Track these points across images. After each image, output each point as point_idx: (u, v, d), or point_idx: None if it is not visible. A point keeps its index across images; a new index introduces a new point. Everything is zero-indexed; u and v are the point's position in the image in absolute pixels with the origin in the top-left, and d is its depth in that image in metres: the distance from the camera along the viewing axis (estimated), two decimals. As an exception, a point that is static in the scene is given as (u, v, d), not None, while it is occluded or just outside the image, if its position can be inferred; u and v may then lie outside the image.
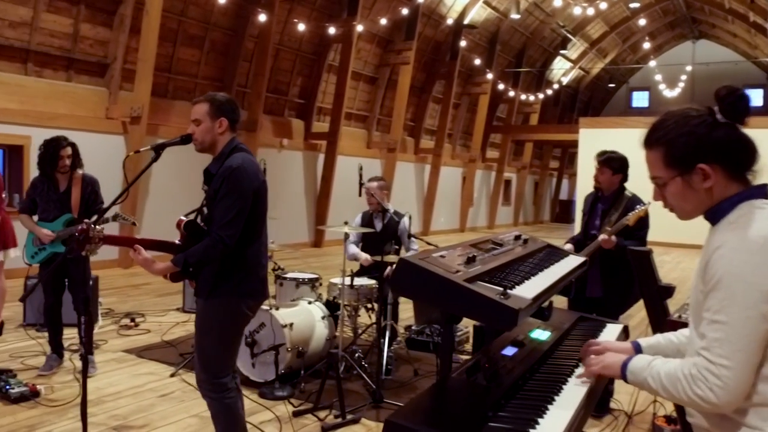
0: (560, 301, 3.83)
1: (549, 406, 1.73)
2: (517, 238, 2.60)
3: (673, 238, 15.97)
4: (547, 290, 1.99)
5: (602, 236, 4.46)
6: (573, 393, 1.85)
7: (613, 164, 4.69)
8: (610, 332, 2.62)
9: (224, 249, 3.00)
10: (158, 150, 3.10)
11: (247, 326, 3.51)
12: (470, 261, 1.93)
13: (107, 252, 2.86)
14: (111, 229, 5.04)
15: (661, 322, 3.85)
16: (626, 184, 4.76)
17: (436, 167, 19.55)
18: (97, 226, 2.97)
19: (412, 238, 5.66)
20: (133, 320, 6.89)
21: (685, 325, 2.81)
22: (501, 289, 1.75)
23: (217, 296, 3.12)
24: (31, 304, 6.58)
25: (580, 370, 2.05)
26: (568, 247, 4.82)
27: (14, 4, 9.37)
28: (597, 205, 4.84)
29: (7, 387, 4.52)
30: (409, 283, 1.76)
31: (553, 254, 2.63)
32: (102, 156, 10.00)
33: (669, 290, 3.97)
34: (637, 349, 2.04)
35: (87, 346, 5.21)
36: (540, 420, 1.64)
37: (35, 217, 5.20)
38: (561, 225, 28.20)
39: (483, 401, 1.69)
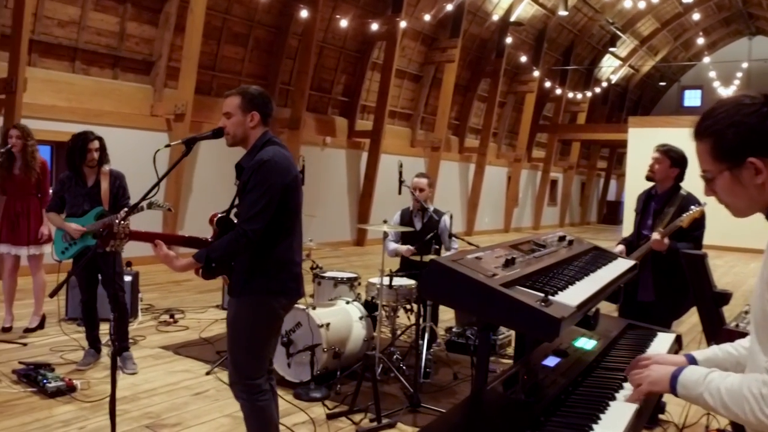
0: (608, 308, 3.63)
1: (594, 426, 1.57)
2: (562, 239, 2.43)
3: (726, 241, 15.43)
4: (593, 297, 1.82)
5: (654, 236, 4.22)
6: (621, 411, 1.68)
7: (672, 155, 4.45)
8: (662, 342, 2.43)
9: (247, 243, 2.90)
10: (189, 144, 3.02)
11: (283, 325, 3.41)
12: (509, 263, 1.78)
13: (149, 247, 2.81)
14: (148, 217, 5.03)
15: (717, 331, 3.62)
16: (681, 184, 4.53)
17: (481, 167, 19.29)
18: (123, 222, 2.90)
19: (453, 238, 5.50)
20: (172, 316, 6.89)
21: (743, 335, 2.60)
22: (542, 295, 1.60)
23: (248, 294, 3.03)
24: (73, 299, 6.63)
25: (629, 385, 1.88)
26: (620, 248, 4.60)
27: (63, 3, 9.50)
28: (650, 204, 4.61)
29: (45, 381, 4.53)
30: (441, 287, 1.62)
31: (601, 257, 2.45)
32: (146, 153, 10.04)
33: (725, 297, 3.74)
34: (692, 363, 1.85)
35: (118, 342, 5.19)
36: (585, 441, 1.48)
37: (63, 214, 5.22)
38: (608, 226, 27.60)
39: (521, 418, 1.54)
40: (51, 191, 6.04)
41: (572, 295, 1.74)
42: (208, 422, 4.21)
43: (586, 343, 2.21)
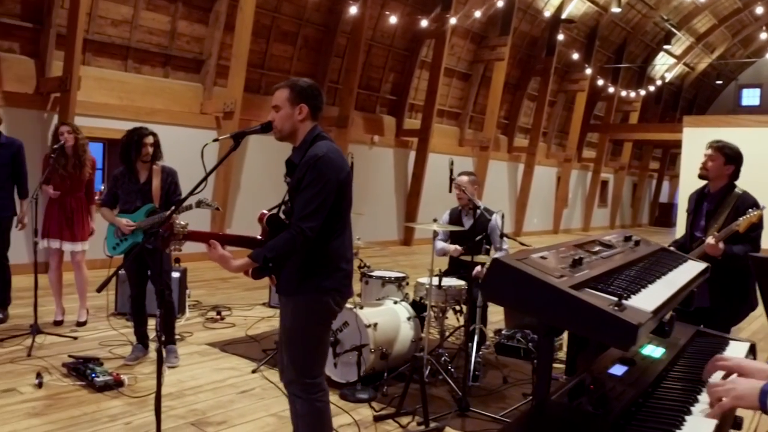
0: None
1: (672, 442, 1.43)
2: (627, 239, 2.27)
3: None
4: (668, 301, 1.68)
5: (709, 240, 4.00)
6: (698, 426, 1.54)
7: (727, 151, 4.21)
8: (735, 351, 2.26)
9: (305, 242, 2.82)
10: (238, 138, 2.95)
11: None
12: (576, 264, 1.65)
13: (197, 244, 2.77)
14: (195, 215, 5.03)
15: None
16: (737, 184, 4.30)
17: (530, 166, 18.98)
18: (182, 223, 2.85)
19: (504, 238, 5.34)
20: (219, 313, 6.90)
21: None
22: (615, 299, 1.46)
23: (301, 293, 2.95)
24: (122, 294, 6.69)
25: (703, 397, 1.73)
26: None
27: (116, 2, 9.64)
28: (702, 204, 4.38)
29: (93, 375, 4.55)
30: (504, 288, 1.49)
31: (670, 258, 2.29)
32: (195, 150, 10.13)
33: (798, 304, 3.51)
34: None
35: (165, 338, 5.20)
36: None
37: (116, 210, 5.25)
38: (660, 229, 26.92)
39: (592, 430, 1.41)
40: (103, 187, 6.14)
41: (646, 300, 1.60)
42: (254, 421, 4.16)
43: (653, 351, 2.06)
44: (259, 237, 3.09)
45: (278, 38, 12.08)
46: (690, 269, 2.20)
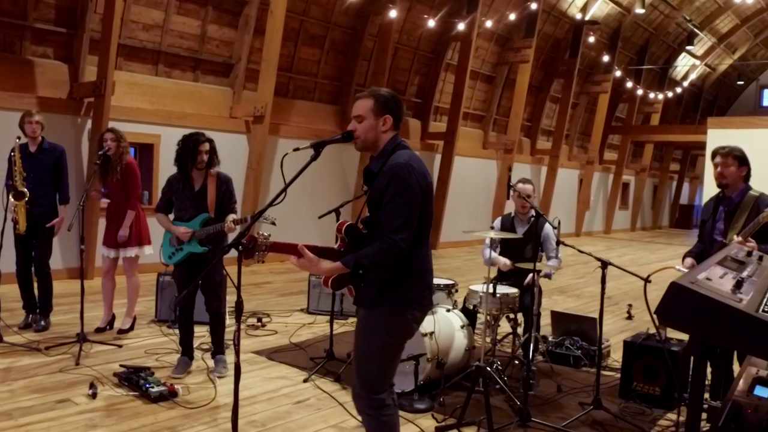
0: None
1: None
2: (750, 254, 2.19)
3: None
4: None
5: (737, 239, 3.90)
6: None
7: (737, 154, 4.22)
8: None
9: (398, 253, 2.75)
10: (318, 148, 2.88)
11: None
12: (739, 285, 1.57)
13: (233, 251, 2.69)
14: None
15: None
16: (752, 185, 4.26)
17: (553, 169, 18.83)
18: (263, 233, 2.78)
19: (559, 246, 5.24)
20: (259, 320, 6.84)
21: None
22: (802, 322, 1.38)
23: (382, 305, 2.88)
24: (163, 301, 6.66)
25: None
26: (689, 262, 4.31)
27: (148, 7, 9.63)
28: (719, 209, 4.33)
29: (147, 385, 4.49)
30: (684, 312, 1.42)
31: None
32: (225, 155, 10.09)
33: None
34: None
35: (215, 347, 5.14)
36: None
37: (171, 216, 5.18)
38: (681, 231, 26.70)
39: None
40: (147, 193, 6.10)
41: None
42: (315, 433, 4.09)
43: (781, 369, 1.97)
44: (336, 247, 3.02)
45: (306, 41, 12.03)
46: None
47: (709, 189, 18.93)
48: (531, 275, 5.13)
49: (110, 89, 8.48)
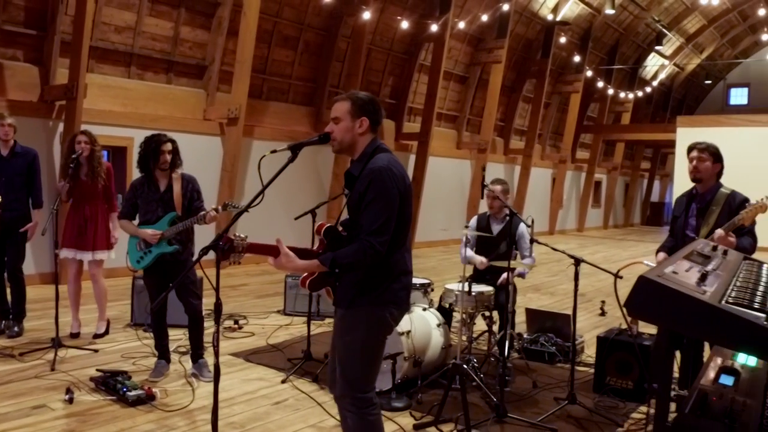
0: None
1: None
2: (715, 248, 2.27)
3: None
4: (795, 313, 1.67)
5: (719, 232, 4.00)
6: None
7: (713, 150, 4.35)
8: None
9: (374, 255, 2.79)
10: (295, 150, 2.91)
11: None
12: (704, 278, 1.64)
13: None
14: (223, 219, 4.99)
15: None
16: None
17: (527, 168, 19.02)
18: (240, 234, 2.80)
19: (533, 244, 5.33)
20: (236, 322, 6.83)
21: None
22: (763, 315, 1.45)
23: (360, 305, 2.92)
24: (139, 304, 6.62)
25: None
26: (661, 256, 4.42)
27: (120, 9, 9.56)
28: (692, 205, 4.44)
29: (124, 389, 4.48)
30: (651, 305, 1.48)
31: (759, 267, 2.28)
32: (199, 157, 10.10)
33: None
34: None
35: (194, 350, 5.13)
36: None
37: (135, 221, 5.15)
38: (652, 228, 27.09)
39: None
40: (121, 197, 6.06)
41: (780, 312, 1.59)
42: (294, 433, 4.11)
43: (747, 359, 2.05)
44: (314, 249, 3.06)
45: (279, 43, 12.02)
46: (782, 277, 2.19)
47: (679, 186, 19.25)
48: (505, 274, 5.20)
49: (82, 92, 8.41)
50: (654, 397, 1.70)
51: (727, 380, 1.79)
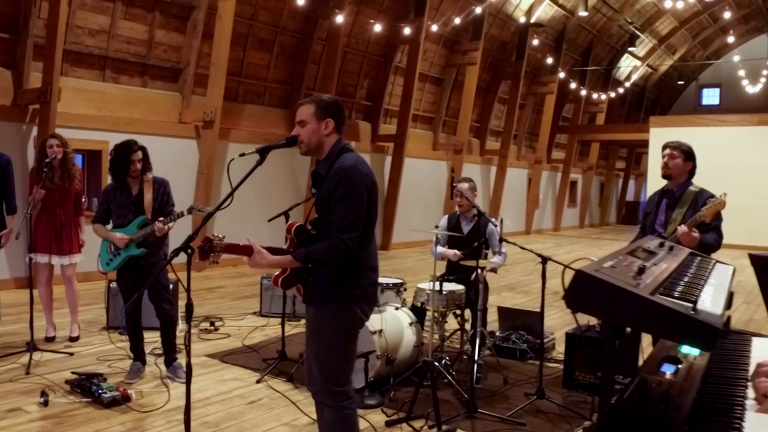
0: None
1: (744, 433, 1.53)
2: (662, 245, 2.39)
3: (752, 240, 15.33)
4: (726, 303, 1.79)
5: (682, 228, 4.14)
6: (759, 421, 1.64)
7: (685, 149, 4.49)
8: (760, 347, 2.38)
9: (346, 251, 2.89)
10: (263, 153, 2.99)
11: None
12: (641, 272, 1.74)
13: (179, 256, 2.73)
14: (187, 221, 5.07)
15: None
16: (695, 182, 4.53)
17: (503, 169, 19.21)
18: (218, 234, 2.88)
19: (503, 243, 5.44)
20: (212, 324, 6.88)
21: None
22: (689, 304, 1.56)
23: (330, 302, 3.01)
24: (114, 307, 6.63)
25: (750, 392, 1.83)
26: None
27: (94, 12, 9.55)
28: (662, 201, 4.58)
29: (100, 391, 4.52)
30: (588, 298, 1.58)
31: (703, 262, 2.40)
32: (175, 160, 10.13)
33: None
34: None
35: (167, 353, 5.18)
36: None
37: (109, 225, 5.19)
38: (628, 227, 27.42)
39: (669, 427, 1.50)
40: (95, 201, 6.11)
41: (710, 303, 1.70)
42: (267, 431, 4.18)
43: (690, 349, 2.16)
44: (286, 247, 3.14)
45: (255, 46, 12.06)
46: (725, 273, 2.31)
47: (653, 185, 19.53)
48: (477, 271, 5.31)
49: (56, 96, 8.40)
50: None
51: (668, 368, 1.89)
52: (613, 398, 1.72)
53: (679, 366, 1.95)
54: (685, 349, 2.17)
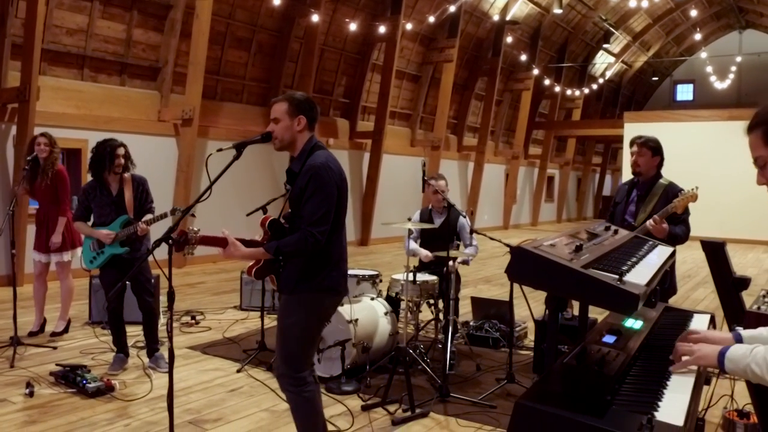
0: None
1: (664, 391, 1.73)
2: (607, 228, 2.59)
3: (724, 232, 15.70)
4: (653, 277, 1.99)
5: (650, 222, 4.34)
6: (682, 380, 1.85)
7: (651, 144, 4.65)
8: (699, 322, 2.60)
9: (315, 244, 3.06)
10: (240, 148, 3.15)
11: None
12: (578, 249, 1.94)
13: (161, 251, 2.85)
14: (169, 220, 5.23)
15: (738, 314, 3.80)
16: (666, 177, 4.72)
17: (480, 165, 19.46)
18: (193, 227, 3.04)
19: (473, 235, 5.65)
20: (193, 318, 7.01)
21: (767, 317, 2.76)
22: (616, 276, 1.76)
23: (300, 292, 3.18)
24: (96, 303, 6.75)
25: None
26: None
27: (71, 11, 9.61)
28: (632, 193, 4.76)
29: (84, 382, 4.65)
30: (527, 271, 1.78)
31: (643, 244, 2.62)
32: (154, 158, 10.22)
33: (744, 282, 3.91)
34: (738, 339, 2.01)
35: (150, 345, 5.33)
36: (659, 403, 1.65)
37: (89, 223, 5.30)
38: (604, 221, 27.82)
39: (598, 385, 1.69)
40: (75, 199, 6.20)
41: (638, 276, 1.90)
42: (248, 416, 4.35)
43: (633, 324, 2.37)
44: (259, 239, 3.31)
45: (233, 44, 12.18)
46: (662, 253, 2.52)
47: (628, 178, 19.86)
48: (450, 262, 5.51)
49: (35, 95, 8.47)
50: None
51: (609, 339, 2.10)
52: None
53: (619, 337, 2.16)
54: (629, 322, 2.38)
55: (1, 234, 5.91)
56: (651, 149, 4.64)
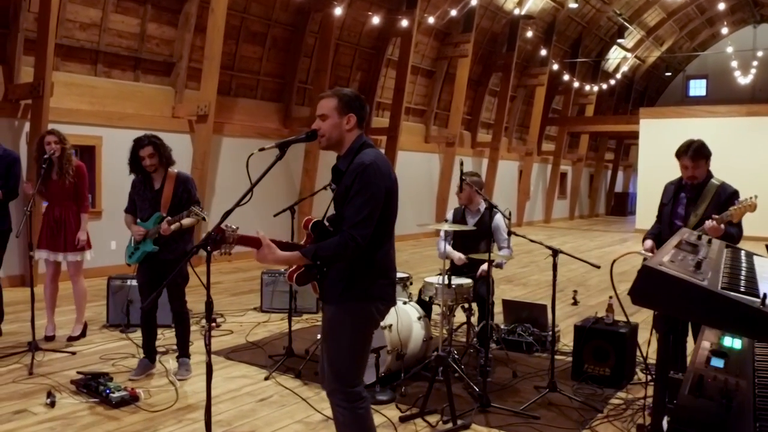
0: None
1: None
2: (700, 237, 2.36)
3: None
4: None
5: (710, 223, 4.11)
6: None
7: (705, 152, 4.42)
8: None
9: (356, 248, 2.82)
10: (283, 147, 2.93)
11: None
12: (699, 266, 1.71)
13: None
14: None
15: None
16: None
17: (494, 161, 19.20)
18: (231, 225, 2.82)
19: (510, 236, 5.41)
20: (214, 320, 6.80)
21: None
22: (757, 299, 1.53)
23: (347, 301, 2.95)
24: (114, 305, 6.55)
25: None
26: (649, 244, 4.53)
27: (85, 6, 9.40)
28: (680, 195, 4.55)
29: (107, 391, 4.45)
30: (659, 294, 1.55)
31: (745, 255, 2.38)
32: (171, 155, 10.00)
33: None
34: None
35: (180, 351, 5.14)
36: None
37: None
38: (617, 218, 27.57)
39: (739, 424, 1.47)
40: (91, 197, 6.00)
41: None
42: (281, 429, 4.13)
43: (733, 342, 2.14)
44: (303, 243, 3.09)
45: (247, 39, 11.95)
46: (764, 264, 2.28)
47: (644, 176, 19.64)
48: (483, 266, 5.28)
49: (49, 90, 8.27)
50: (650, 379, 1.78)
51: (717, 363, 1.87)
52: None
53: (728, 360, 1.93)
54: (727, 341, 2.15)
55: (18, 236, 5.70)
56: (706, 157, 4.41)
